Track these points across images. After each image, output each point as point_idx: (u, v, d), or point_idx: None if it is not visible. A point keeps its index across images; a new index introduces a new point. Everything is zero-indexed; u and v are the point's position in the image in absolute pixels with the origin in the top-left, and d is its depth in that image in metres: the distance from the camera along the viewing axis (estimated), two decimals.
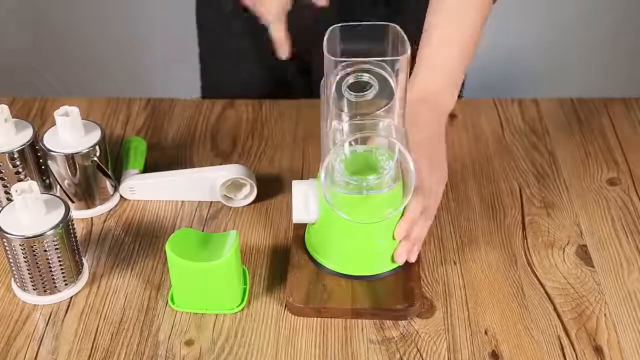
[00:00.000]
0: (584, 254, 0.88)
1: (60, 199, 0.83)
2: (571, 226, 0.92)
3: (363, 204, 0.79)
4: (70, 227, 0.82)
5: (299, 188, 0.82)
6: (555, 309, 0.82)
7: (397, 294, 0.82)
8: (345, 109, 0.77)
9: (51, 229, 0.79)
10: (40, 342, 0.80)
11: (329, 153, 0.75)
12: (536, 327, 0.80)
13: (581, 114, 1.10)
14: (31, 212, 0.80)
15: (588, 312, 0.82)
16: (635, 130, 1.07)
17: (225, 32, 1.18)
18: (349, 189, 0.78)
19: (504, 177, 0.99)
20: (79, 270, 0.85)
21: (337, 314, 0.81)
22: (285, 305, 0.83)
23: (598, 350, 0.78)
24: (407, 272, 0.84)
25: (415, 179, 0.76)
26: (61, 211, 0.81)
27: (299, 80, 1.21)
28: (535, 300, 0.83)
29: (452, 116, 1.10)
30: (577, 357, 0.77)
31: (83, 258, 0.88)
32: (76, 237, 0.84)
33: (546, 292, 0.84)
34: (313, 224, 0.85)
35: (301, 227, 0.88)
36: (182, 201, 0.97)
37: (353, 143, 0.80)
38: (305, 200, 0.82)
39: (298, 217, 0.83)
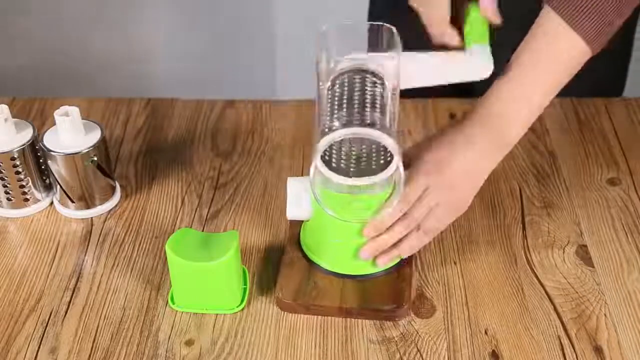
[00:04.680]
0: (584, 254, 0.88)
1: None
2: (571, 226, 0.92)
3: (354, 203, 0.79)
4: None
5: (293, 185, 0.82)
6: (555, 309, 0.82)
7: (387, 294, 0.82)
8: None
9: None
10: (40, 342, 0.80)
11: (319, 151, 0.75)
12: (536, 327, 0.80)
13: (581, 114, 1.10)
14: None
15: (588, 312, 0.82)
16: (635, 130, 1.07)
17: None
18: (340, 188, 0.78)
19: (504, 177, 0.99)
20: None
21: (326, 312, 0.81)
22: (275, 301, 0.83)
23: (598, 350, 0.78)
24: (400, 273, 0.84)
25: (404, 181, 0.75)
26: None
27: None
28: (535, 300, 0.83)
29: (452, 116, 1.10)
30: (577, 357, 0.77)
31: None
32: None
33: (546, 292, 0.84)
34: (308, 221, 0.85)
35: (297, 225, 0.88)
36: (182, 201, 0.97)
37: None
38: (299, 197, 0.82)
39: (292, 213, 0.83)
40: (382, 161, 0.77)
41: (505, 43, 0.83)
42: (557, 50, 0.80)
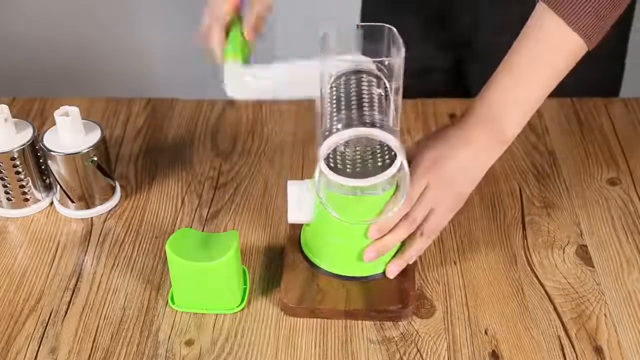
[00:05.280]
0: (584, 254, 0.88)
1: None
2: (571, 226, 0.92)
3: (357, 204, 0.79)
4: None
5: (293, 188, 0.82)
6: (555, 309, 0.82)
7: (391, 295, 0.82)
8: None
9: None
10: (40, 342, 0.80)
11: (322, 154, 0.75)
12: (536, 327, 0.80)
13: (581, 114, 1.10)
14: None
15: (588, 312, 0.82)
16: (635, 130, 1.07)
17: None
18: (343, 189, 0.78)
19: (504, 177, 0.99)
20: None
21: (331, 315, 0.81)
22: (280, 306, 0.83)
23: (598, 350, 0.78)
24: (402, 273, 0.84)
25: (408, 180, 0.75)
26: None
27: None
28: (535, 300, 0.83)
29: (452, 116, 1.10)
30: (577, 357, 0.77)
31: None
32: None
33: (546, 292, 0.84)
34: (308, 224, 0.85)
35: (296, 227, 0.88)
36: (182, 201, 0.97)
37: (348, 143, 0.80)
38: (299, 201, 0.82)
39: (293, 217, 0.83)
40: (386, 161, 0.77)
41: (504, 47, 0.83)
42: (553, 46, 0.80)
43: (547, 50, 0.80)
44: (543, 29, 0.80)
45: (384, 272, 0.84)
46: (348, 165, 0.78)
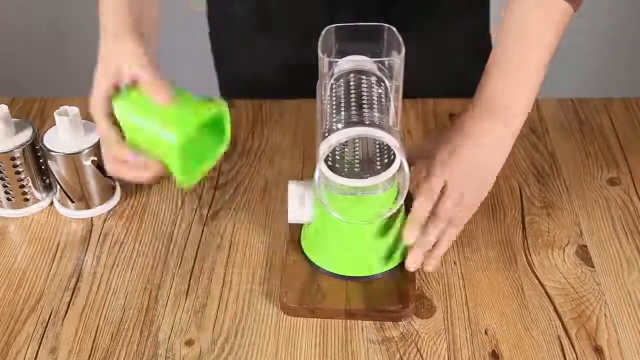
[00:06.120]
0: (584, 254, 0.88)
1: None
2: (571, 226, 0.92)
3: (358, 204, 0.79)
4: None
5: (294, 188, 0.82)
6: (555, 309, 0.82)
7: (392, 295, 0.82)
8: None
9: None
10: (40, 342, 0.80)
11: (322, 154, 0.75)
12: (536, 327, 0.80)
13: (581, 114, 1.10)
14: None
15: (588, 312, 0.82)
16: (635, 130, 1.07)
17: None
18: (343, 190, 0.78)
19: (504, 177, 0.99)
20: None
21: (331, 315, 0.81)
22: (280, 306, 0.83)
23: (598, 350, 0.78)
24: (403, 273, 0.84)
25: (408, 180, 0.75)
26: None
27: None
28: (535, 300, 0.83)
29: (452, 116, 1.10)
30: (577, 357, 0.77)
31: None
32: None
33: (546, 292, 0.84)
34: (309, 224, 0.85)
35: (297, 227, 0.88)
36: (182, 201, 0.97)
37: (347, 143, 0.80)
38: (300, 201, 0.82)
39: (293, 217, 0.83)
40: (385, 161, 0.77)
41: None
42: (540, 16, 0.79)
43: (535, 24, 0.79)
44: (525, 3, 0.79)
45: (384, 272, 0.84)
46: (348, 166, 0.78)
